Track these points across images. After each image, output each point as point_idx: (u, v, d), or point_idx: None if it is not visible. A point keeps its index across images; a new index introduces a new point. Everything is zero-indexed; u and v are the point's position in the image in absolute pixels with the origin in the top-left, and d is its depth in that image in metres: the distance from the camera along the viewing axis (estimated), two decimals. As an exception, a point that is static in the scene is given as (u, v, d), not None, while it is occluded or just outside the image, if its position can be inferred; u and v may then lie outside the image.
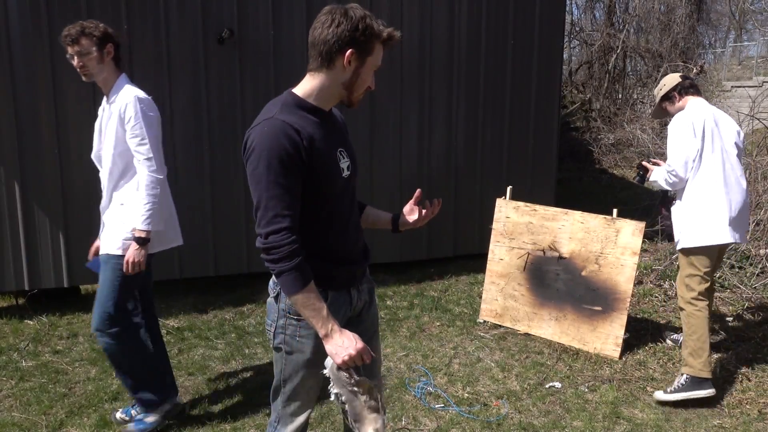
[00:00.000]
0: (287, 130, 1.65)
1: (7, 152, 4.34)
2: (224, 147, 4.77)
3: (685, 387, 3.28)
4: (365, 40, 1.72)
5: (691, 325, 3.34)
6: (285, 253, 1.66)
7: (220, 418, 3.16)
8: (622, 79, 13.39)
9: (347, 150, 1.85)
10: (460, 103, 5.44)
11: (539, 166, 5.78)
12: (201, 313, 4.62)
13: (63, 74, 4.36)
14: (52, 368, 3.71)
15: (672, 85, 3.59)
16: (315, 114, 1.77)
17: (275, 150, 1.63)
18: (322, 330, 1.72)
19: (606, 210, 4.27)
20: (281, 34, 4.77)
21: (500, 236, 4.39)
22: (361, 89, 1.79)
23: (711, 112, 3.47)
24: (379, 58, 1.78)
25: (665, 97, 3.63)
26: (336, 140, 1.81)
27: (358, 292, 1.95)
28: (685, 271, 3.43)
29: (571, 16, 14.94)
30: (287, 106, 1.73)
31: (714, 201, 3.35)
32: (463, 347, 4.04)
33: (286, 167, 1.65)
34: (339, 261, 1.84)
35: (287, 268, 1.67)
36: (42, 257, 4.49)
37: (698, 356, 3.28)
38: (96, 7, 4.36)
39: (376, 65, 1.78)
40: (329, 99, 1.79)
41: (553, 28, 5.63)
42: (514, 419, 3.18)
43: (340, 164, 1.79)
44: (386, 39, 1.76)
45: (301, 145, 1.67)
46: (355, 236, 1.91)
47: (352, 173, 1.85)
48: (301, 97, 1.76)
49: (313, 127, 1.73)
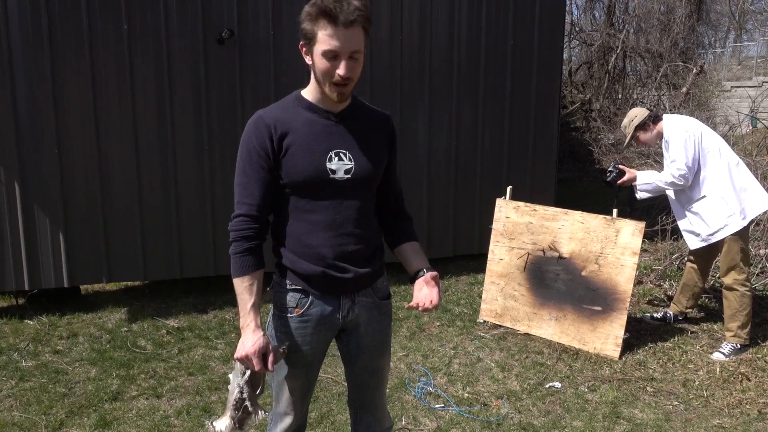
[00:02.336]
0: (258, 123, 1.75)
1: (7, 152, 4.34)
2: (224, 147, 4.77)
3: (736, 351, 3.87)
4: (306, 30, 1.66)
5: (743, 303, 3.82)
6: (234, 237, 1.76)
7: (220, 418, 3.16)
8: (622, 79, 13.39)
9: (353, 153, 1.78)
10: (460, 103, 5.43)
11: (539, 166, 5.78)
12: (201, 313, 4.62)
13: (63, 74, 4.37)
14: (52, 368, 3.71)
15: (644, 116, 4.08)
16: (313, 111, 1.77)
17: (245, 142, 1.76)
18: (241, 321, 1.78)
19: (606, 210, 4.27)
20: (281, 34, 4.77)
21: (500, 236, 4.39)
22: (323, 79, 1.69)
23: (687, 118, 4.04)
24: (327, 43, 1.62)
25: (640, 127, 4.07)
26: (334, 141, 1.76)
27: (352, 303, 1.86)
28: (736, 255, 3.80)
29: (571, 16, 14.95)
30: (283, 101, 1.81)
31: (737, 180, 3.81)
32: (463, 347, 4.04)
33: (252, 158, 1.74)
34: (320, 263, 1.78)
35: (232, 251, 1.76)
36: (42, 257, 4.49)
37: (745, 328, 3.85)
38: (96, 7, 4.36)
39: (326, 48, 1.63)
40: (323, 95, 1.75)
41: (553, 28, 5.64)
42: (514, 419, 3.18)
43: (327, 164, 1.74)
44: (320, 16, 1.61)
45: (271, 137, 1.73)
46: (349, 242, 1.80)
47: (353, 177, 1.77)
48: (302, 94, 1.80)
49: (300, 121, 1.75)
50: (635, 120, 4.09)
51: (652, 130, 4.06)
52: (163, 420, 3.14)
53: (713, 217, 3.82)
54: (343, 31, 1.61)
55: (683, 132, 3.85)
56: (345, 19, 1.60)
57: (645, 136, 4.10)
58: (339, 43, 1.62)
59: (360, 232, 1.82)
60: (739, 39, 26.57)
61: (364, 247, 1.84)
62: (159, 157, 4.64)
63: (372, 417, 2.07)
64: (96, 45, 4.40)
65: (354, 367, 1.99)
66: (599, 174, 10.31)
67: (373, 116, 1.88)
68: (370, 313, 1.91)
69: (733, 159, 3.87)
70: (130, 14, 4.44)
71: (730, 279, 3.84)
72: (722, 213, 3.79)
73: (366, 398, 2.04)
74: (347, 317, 1.87)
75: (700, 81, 12.72)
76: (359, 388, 2.03)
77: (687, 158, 3.80)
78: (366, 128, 1.83)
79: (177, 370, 3.69)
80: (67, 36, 4.33)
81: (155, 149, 4.63)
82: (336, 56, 1.64)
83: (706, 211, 3.85)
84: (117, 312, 4.61)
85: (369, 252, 1.87)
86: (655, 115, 4.10)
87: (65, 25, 4.34)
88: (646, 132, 4.08)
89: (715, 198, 3.81)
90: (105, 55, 4.42)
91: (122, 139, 4.54)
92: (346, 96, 1.74)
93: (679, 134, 3.86)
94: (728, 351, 3.86)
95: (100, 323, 4.40)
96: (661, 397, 3.43)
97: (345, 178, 1.77)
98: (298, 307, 1.82)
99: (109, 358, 3.83)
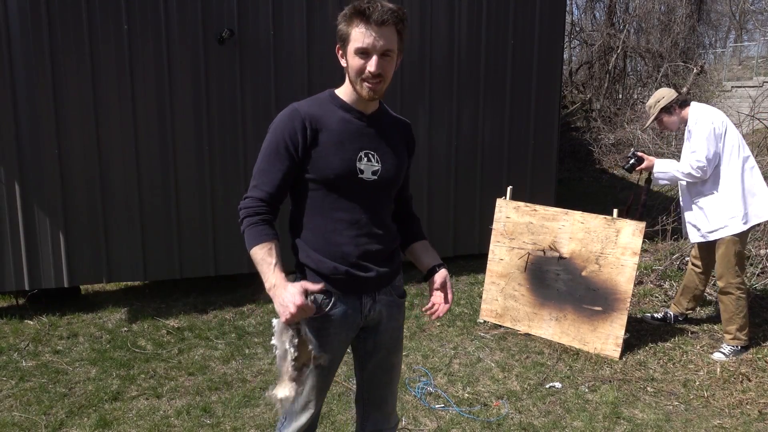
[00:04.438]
0: (293, 115, 1.77)
1: (7, 152, 4.34)
2: (224, 147, 4.77)
3: (736, 352, 3.87)
4: (341, 31, 1.74)
5: (740, 306, 3.81)
6: (245, 213, 1.75)
7: (220, 418, 3.16)
8: (623, 79, 13.39)
9: (380, 155, 1.84)
10: (460, 103, 5.43)
11: (539, 166, 5.78)
12: (201, 313, 4.61)
13: (63, 74, 4.37)
14: (52, 368, 3.71)
15: (672, 98, 3.91)
16: (346, 111, 1.83)
17: (276, 130, 1.78)
18: (267, 284, 1.69)
19: (606, 210, 4.27)
20: (281, 34, 4.77)
21: (500, 236, 4.38)
22: (354, 76, 1.75)
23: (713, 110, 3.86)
24: (360, 40, 1.69)
25: (665, 109, 3.92)
26: (365, 142, 1.82)
27: (373, 302, 1.90)
28: (732, 258, 3.77)
29: (572, 16, 14.95)
30: (317, 98, 1.85)
31: (748, 183, 3.77)
32: (464, 347, 4.03)
33: (279, 148, 1.76)
34: (344, 262, 1.81)
35: (245, 225, 1.75)
36: (42, 257, 4.49)
37: (744, 329, 3.85)
38: (96, 7, 4.36)
39: (358, 46, 1.70)
40: (356, 96, 1.81)
41: (553, 28, 5.63)
42: (514, 419, 3.18)
43: (357, 164, 1.79)
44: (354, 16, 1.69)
45: (304, 132, 1.75)
46: (372, 242, 1.84)
47: (379, 179, 1.83)
48: (336, 93, 1.85)
49: (334, 119, 1.80)
50: (662, 101, 3.93)
51: (677, 114, 3.93)
52: (163, 420, 3.14)
53: (716, 215, 3.79)
54: (375, 29, 1.68)
55: (709, 124, 3.73)
56: (378, 18, 1.67)
57: (669, 119, 3.96)
58: (371, 40, 1.69)
59: (382, 232, 1.87)
60: (739, 39, 26.56)
61: (384, 247, 1.89)
62: (159, 156, 4.64)
63: (380, 413, 2.08)
64: (96, 45, 4.40)
65: (368, 364, 2.01)
66: (599, 174, 10.31)
67: (397, 122, 1.96)
68: (389, 310, 1.96)
69: (750, 161, 3.81)
70: (130, 14, 4.44)
71: (724, 282, 3.81)
72: (725, 213, 3.76)
73: (376, 394, 2.06)
74: (368, 316, 1.91)
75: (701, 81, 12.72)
76: (371, 384, 2.05)
77: (709, 151, 3.70)
78: (391, 133, 1.91)
79: (177, 370, 3.68)
80: (67, 36, 4.33)
81: (155, 149, 4.63)
82: (367, 53, 1.71)
83: (710, 208, 3.81)
84: (117, 312, 4.61)
85: (389, 252, 1.92)
86: (683, 100, 3.95)
87: (65, 25, 4.34)
88: (671, 115, 3.94)
89: (723, 197, 3.77)
90: (105, 55, 4.42)
91: (122, 139, 4.54)
92: (377, 93, 1.79)
93: (704, 125, 3.73)
94: (728, 351, 3.86)
95: (100, 323, 4.40)
96: (661, 398, 3.43)
97: (372, 179, 1.82)
98: (321, 307, 1.83)
99: (109, 358, 3.83)
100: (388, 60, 1.73)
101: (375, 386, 2.05)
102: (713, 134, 3.71)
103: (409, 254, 2.07)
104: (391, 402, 2.09)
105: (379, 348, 1.97)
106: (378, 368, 2.01)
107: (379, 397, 2.06)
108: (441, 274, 1.97)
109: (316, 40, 4.83)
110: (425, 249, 2.05)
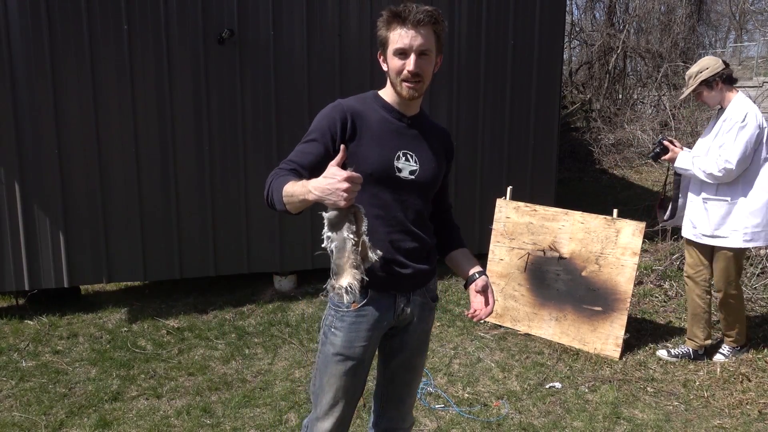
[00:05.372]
0: (336, 107, 1.83)
1: (7, 152, 4.34)
2: (224, 147, 4.77)
3: (736, 352, 3.84)
4: (381, 36, 1.81)
5: (739, 311, 3.77)
6: (274, 176, 1.70)
7: (220, 418, 3.16)
8: (623, 79, 13.38)
9: (419, 156, 1.87)
10: (460, 103, 5.43)
11: (539, 166, 5.78)
12: (201, 313, 4.61)
13: (63, 74, 4.37)
14: (52, 368, 3.71)
15: (716, 71, 3.52)
16: (388, 111, 1.88)
17: (320, 119, 1.83)
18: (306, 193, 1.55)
19: (606, 210, 4.27)
20: (281, 34, 4.77)
21: (500, 236, 4.38)
22: (394, 77, 1.81)
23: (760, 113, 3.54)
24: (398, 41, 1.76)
25: (706, 83, 3.55)
26: (405, 142, 1.86)
27: (407, 301, 1.92)
28: (733, 272, 3.63)
29: (572, 16, 14.95)
30: (362, 96, 1.92)
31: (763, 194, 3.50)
32: (464, 347, 4.03)
33: (319, 134, 1.79)
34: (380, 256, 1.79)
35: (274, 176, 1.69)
36: (42, 257, 4.49)
37: (742, 330, 3.81)
38: (96, 7, 4.36)
39: (396, 47, 1.77)
40: (398, 98, 1.86)
41: (553, 28, 5.63)
42: (514, 419, 3.18)
43: (395, 162, 1.83)
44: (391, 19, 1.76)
45: (344, 124, 1.80)
46: (407, 239, 1.87)
47: (416, 179, 1.86)
48: (379, 94, 1.92)
49: (375, 117, 1.85)
50: (704, 73, 3.54)
51: (719, 90, 3.56)
52: (163, 420, 3.14)
53: (718, 220, 3.54)
54: (412, 29, 1.74)
55: (755, 128, 3.39)
56: (414, 19, 1.73)
57: (708, 94, 3.58)
58: (408, 40, 1.74)
59: (418, 231, 1.90)
60: (739, 39, 26.57)
61: (421, 246, 1.92)
62: (159, 156, 4.64)
63: (397, 412, 2.10)
64: (96, 45, 4.40)
65: (391, 362, 2.03)
66: (599, 174, 10.31)
67: (436, 128, 2.01)
68: (421, 312, 1.98)
69: None
70: (130, 14, 4.43)
71: (724, 294, 3.68)
72: (731, 223, 3.51)
73: (396, 392, 2.07)
74: (401, 315, 1.93)
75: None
76: (392, 382, 2.06)
77: (743, 155, 3.39)
78: (430, 137, 1.95)
79: (177, 370, 3.68)
80: (67, 36, 4.33)
81: (155, 149, 4.63)
82: (405, 53, 1.76)
83: (715, 212, 3.55)
84: (117, 312, 4.61)
85: (426, 251, 1.95)
86: (728, 76, 3.55)
87: (65, 25, 4.34)
88: (711, 90, 3.56)
89: (735, 205, 3.50)
90: (105, 55, 4.42)
91: (122, 139, 4.54)
92: (417, 93, 1.83)
93: (750, 126, 3.39)
94: (728, 352, 3.85)
95: (100, 323, 4.40)
96: (661, 398, 3.43)
97: (409, 179, 1.85)
98: (356, 302, 1.84)
99: (109, 358, 3.83)
100: (426, 60, 1.78)
101: (396, 384, 2.06)
102: (755, 139, 3.40)
103: (448, 262, 2.11)
104: (408, 402, 2.11)
105: (405, 347, 1.99)
106: (401, 367, 2.03)
107: (398, 395, 2.08)
108: (482, 279, 2.00)
109: (316, 40, 4.83)
110: (466, 257, 2.08)
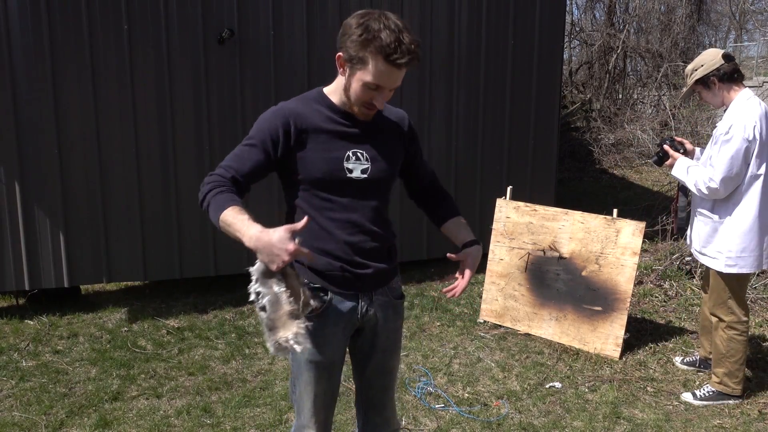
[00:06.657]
0: (278, 113, 1.78)
1: (7, 152, 4.34)
2: (224, 147, 4.76)
3: (714, 397, 3.33)
4: (353, 52, 1.66)
5: (731, 349, 3.21)
6: (209, 187, 1.70)
7: (220, 418, 3.16)
8: (623, 79, 13.38)
9: (369, 154, 1.82)
10: (460, 103, 5.43)
11: (539, 166, 5.78)
12: (201, 313, 4.61)
13: (63, 74, 4.36)
14: (52, 368, 3.71)
15: (711, 69, 3.09)
16: (334, 112, 1.81)
17: (260, 123, 1.79)
18: (246, 237, 1.56)
19: (606, 210, 4.27)
20: (281, 34, 4.77)
21: (500, 236, 4.38)
22: (355, 100, 1.74)
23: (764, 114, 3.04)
24: (377, 77, 1.66)
25: (702, 82, 3.15)
26: (353, 141, 1.81)
27: (370, 302, 1.89)
28: (725, 294, 3.18)
29: (571, 16, 14.94)
30: (305, 96, 1.85)
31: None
32: (464, 347, 4.03)
33: (258, 140, 1.76)
34: (339, 259, 1.82)
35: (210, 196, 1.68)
36: (42, 257, 4.49)
37: (734, 377, 3.27)
38: (96, 7, 4.36)
39: (371, 81, 1.67)
40: (347, 101, 1.78)
41: (553, 28, 5.63)
42: (514, 419, 3.18)
43: (344, 163, 1.78)
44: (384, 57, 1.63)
45: (287, 130, 1.75)
46: (366, 240, 1.84)
47: (369, 177, 1.82)
48: (325, 93, 1.84)
49: (320, 119, 1.79)
50: (698, 71, 3.13)
51: (717, 90, 3.13)
52: (163, 420, 3.14)
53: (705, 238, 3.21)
54: (394, 70, 1.67)
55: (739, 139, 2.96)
56: (401, 63, 1.65)
57: (707, 94, 3.18)
58: (386, 81, 1.69)
59: (376, 230, 1.87)
60: (739, 39, 26.54)
61: (380, 245, 1.89)
62: (159, 156, 4.64)
63: (380, 418, 2.07)
64: (96, 45, 4.39)
65: (365, 367, 2.00)
66: (599, 174, 10.31)
67: (388, 117, 1.92)
68: (385, 312, 1.95)
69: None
70: (130, 14, 4.43)
71: (714, 319, 3.26)
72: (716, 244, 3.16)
73: (375, 398, 2.05)
74: (365, 316, 1.90)
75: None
76: (369, 388, 2.04)
77: (729, 171, 3.00)
78: (382, 130, 1.89)
79: (177, 370, 3.69)
80: (67, 36, 4.33)
81: (155, 149, 4.63)
82: (378, 89, 1.71)
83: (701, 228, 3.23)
84: (117, 312, 4.61)
85: (385, 250, 1.92)
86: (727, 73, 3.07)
87: (65, 25, 4.34)
88: (709, 90, 3.15)
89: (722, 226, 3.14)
90: (105, 54, 4.42)
91: (122, 139, 4.54)
92: (371, 117, 1.82)
93: (737, 139, 2.97)
94: (702, 394, 3.33)
95: (100, 323, 4.40)
96: (661, 397, 3.43)
97: (362, 178, 1.81)
98: (317, 307, 1.81)
99: (110, 358, 3.83)
100: (390, 92, 1.75)
101: (374, 390, 2.04)
102: (741, 154, 2.98)
103: (444, 231, 2.10)
104: (390, 406, 2.08)
105: (375, 350, 1.97)
106: (375, 371, 2.00)
107: (378, 401, 2.05)
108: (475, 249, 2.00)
109: (316, 40, 4.83)
110: (460, 226, 2.08)
